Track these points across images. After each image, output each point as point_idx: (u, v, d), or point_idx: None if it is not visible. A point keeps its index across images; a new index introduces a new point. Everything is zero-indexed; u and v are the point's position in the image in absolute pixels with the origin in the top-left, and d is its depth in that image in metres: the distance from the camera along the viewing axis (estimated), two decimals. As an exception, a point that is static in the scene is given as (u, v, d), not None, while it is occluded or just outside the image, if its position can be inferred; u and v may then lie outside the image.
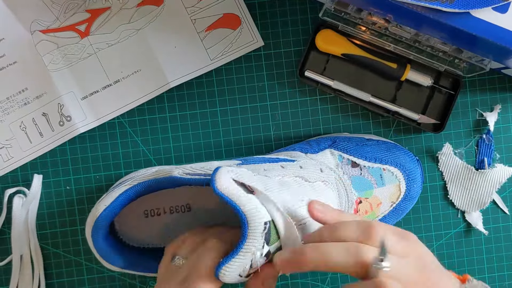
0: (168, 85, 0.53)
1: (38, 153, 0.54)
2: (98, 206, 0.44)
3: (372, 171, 0.50)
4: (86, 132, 0.54)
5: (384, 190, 0.50)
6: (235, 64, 0.54)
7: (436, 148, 0.55)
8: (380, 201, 0.49)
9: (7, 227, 0.53)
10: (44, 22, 0.52)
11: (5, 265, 0.53)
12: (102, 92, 0.53)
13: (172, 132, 0.54)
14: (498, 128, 0.54)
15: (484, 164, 0.54)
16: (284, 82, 0.54)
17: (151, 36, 0.53)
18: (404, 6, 0.42)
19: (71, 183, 0.54)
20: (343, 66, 0.54)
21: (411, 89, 0.54)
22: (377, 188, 0.50)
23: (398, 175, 0.50)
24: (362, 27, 0.50)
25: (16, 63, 0.53)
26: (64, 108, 0.53)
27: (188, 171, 0.43)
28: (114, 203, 0.43)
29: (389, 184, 0.50)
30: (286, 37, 0.54)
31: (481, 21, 0.42)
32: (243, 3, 0.53)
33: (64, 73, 0.53)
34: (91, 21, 0.53)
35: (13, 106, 0.53)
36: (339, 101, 0.55)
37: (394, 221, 0.51)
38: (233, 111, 0.54)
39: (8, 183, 0.54)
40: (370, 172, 0.50)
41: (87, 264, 0.54)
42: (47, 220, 0.54)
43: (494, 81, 0.54)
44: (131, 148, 0.54)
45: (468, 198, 0.54)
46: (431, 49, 0.50)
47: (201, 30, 0.53)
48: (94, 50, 0.53)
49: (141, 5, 0.53)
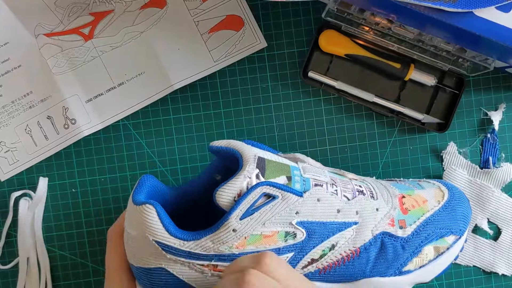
0: (172, 87, 0.53)
1: (43, 156, 0.54)
2: None
3: (408, 182, 0.50)
4: (90, 135, 0.54)
5: (425, 192, 0.48)
6: (238, 65, 0.54)
7: (440, 148, 0.55)
8: (425, 199, 0.47)
9: (14, 230, 0.54)
10: (48, 25, 0.52)
11: (11, 267, 0.54)
12: (106, 94, 0.53)
13: (176, 134, 0.54)
14: (502, 127, 0.54)
15: (489, 163, 0.54)
16: (287, 83, 0.54)
17: (154, 38, 0.53)
18: (407, 7, 0.42)
19: (76, 185, 0.54)
20: (347, 67, 0.54)
21: (415, 89, 0.54)
22: (418, 190, 0.48)
23: (435, 183, 0.50)
24: (365, 27, 0.50)
25: (20, 67, 0.53)
26: (69, 111, 0.53)
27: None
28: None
29: (429, 188, 0.49)
30: (289, 38, 0.54)
31: (485, 20, 0.42)
32: (246, 5, 0.53)
33: (69, 76, 0.53)
34: (94, 24, 0.53)
35: (18, 110, 0.53)
36: (343, 101, 0.55)
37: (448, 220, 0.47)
38: (237, 112, 0.54)
39: (14, 186, 0.54)
40: (406, 182, 0.50)
41: (93, 266, 0.54)
42: (53, 223, 0.54)
43: (498, 80, 0.54)
44: (136, 150, 0.54)
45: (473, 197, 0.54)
46: (435, 49, 0.49)
47: (204, 32, 0.53)
48: (98, 53, 0.53)
49: (144, 7, 0.53)
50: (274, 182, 0.40)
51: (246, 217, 0.39)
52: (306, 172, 0.43)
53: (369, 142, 0.55)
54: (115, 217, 0.54)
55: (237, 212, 0.39)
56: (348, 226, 0.43)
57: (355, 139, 0.54)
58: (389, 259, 0.44)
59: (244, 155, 0.41)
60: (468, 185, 0.54)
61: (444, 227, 0.46)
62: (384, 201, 0.45)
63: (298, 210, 0.41)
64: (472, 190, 0.54)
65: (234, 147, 0.42)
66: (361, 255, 0.43)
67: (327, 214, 0.42)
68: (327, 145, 0.54)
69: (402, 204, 0.46)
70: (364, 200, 0.44)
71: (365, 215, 0.44)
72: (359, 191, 0.45)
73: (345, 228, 0.43)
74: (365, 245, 0.43)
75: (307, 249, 0.42)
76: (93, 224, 0.54)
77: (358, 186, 0.46)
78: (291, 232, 0.41)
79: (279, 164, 0.42)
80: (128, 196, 0.54)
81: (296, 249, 0.41)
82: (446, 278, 0.54)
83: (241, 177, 0.39)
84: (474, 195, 0.54)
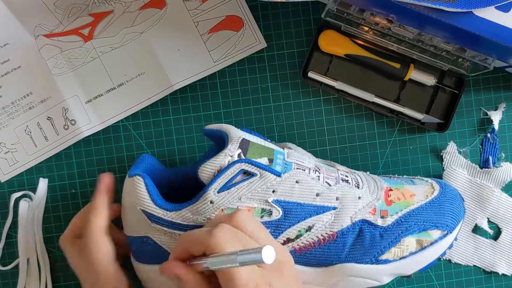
0: (172, 88, 0.53)
1: (43, 157, 0.54)
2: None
3: (402, 178, 0.50)
4: (90, 136, 0.54)
5: (415, 187, 0.48)
6: (238, 66, 0.54)
7: (440, 148, 0.55)
8: (413, 193, 0.47)
9: (14, 231, 0.54)
10: (48, 26, 0.52)
11: (12, 268, 0.54)
12: (106, 95, 0.53)
13: (176, 134, 0.54)
14: (502, 126, 0.54)
15: (489, 163, 0.54)
16: (287, 83, 0.54)
17: (154, 39, 0.53)
18: (407, 7, 0.42)
19: (76, 186, 0.54)
20: (347, 67, 0.54)
21: (414, 88, 0.54)
22: (408, 185, 0.48)
23: (430, 180, 0.50)
24: (365, 28, 0.50)
25: (20, 68, 0.53)
26: (69, 112, 0.53)
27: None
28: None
29: (420, 184, 0.49)
30: (289, 38, 0.54)
31: (484, 20, 0.42)
32: (246, 5, 0.53)
33: (68, 77, 0.53)
34: (94, 25, 0.53)
35: (18, 111, 0.53)
36: (342, 101, 0.55)
37: (434, 215, 0.46)
38: (237, 113, 0.54)
39: (14, 187, 0.54)
40: (400, 178, 0.50)
41: (93, 267, 0.54)
42: (53, 224, 0.54)
43: (498, 79, 0.54)
44: (136, 151, 0.54)
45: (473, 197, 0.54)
46: (434, 49, 0.49)
47: (204, 32, 0.53)
48: (98, 54, 0.53)
49: (143, 8, 0.53)
50: (253, 160, 0.42)
51: (223, 191, 0.42)
52: (290, 157, 0.45)
53: (369, 142, 0.55)
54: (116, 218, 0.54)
55: (215, 185, 0.42)
56: (327, 210, 0.44)
57: (355, 139, 0.55)
58: (366, 246, 0.44)
59: (230, 135, 0.44)
60: (468, 184, 0.54)
61: (428, 221, 0.46)
62: (369, 192, 0.46)
63: (275, 189, 0.43)
64: (472, 189, 0.54)
65: (223, 129, 0.45)
66: (337, 240, 0.44)
67: (305, 196, 0.44)
68: (327, 145, 0.54)
69: (387, 196, 0.47)
70: (347, 188, 0.45)
71: (346, 202, 0.45)
72: (343, 180, 0.46)
73: (323, 211, 0.44)
74: (342, 230, 0.44)
75: (283, 228, 0.43)
76: (93, 225, 0.54)
77: (344, 176, 0.46)
78: (267, 210, 0.43)
79: (263, 147, 0.44)
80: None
81: (272, 226, 0.43)
82: (446, 278, 0.54)
83: (223, 155, 0.42)
84: (474, 194, 0.54)
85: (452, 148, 0.54)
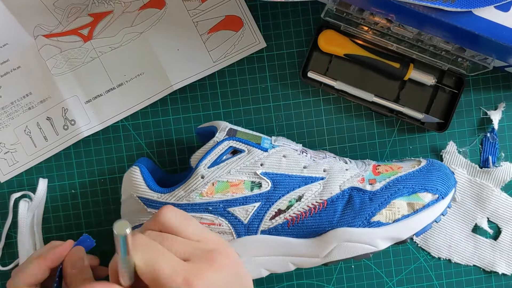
0: (171, 88, 0.53)
1: (43, 157, 0.54)
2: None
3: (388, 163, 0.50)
4: (90, 136, 0.54)
5: (402, 163, 0.49)
6: (237, 65, 0.54)
7: (440, 147, 0.55)
8: (401, 166, 0.48)
9: (13, 231, 0.54)
10: (47, 26, 0.52)
11: (11, 269, 0.54)
12: (105, 95, 0.53)
13: (176, 134, 0.54)
14: (502, 126, 0.54)
15: (488, 163, 0.54)
16: (287, 83, 0.54)
17: (153, 39, 0.53)
18: (406, 6, 0.42)
19: (76, 186, 0.54)
20: (346, 67, 0.54)
21: (414, 88, 0.54)
22: (396, 162, 0.50)
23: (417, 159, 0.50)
24: (364, 27, 0.50)
25: (20, 68, 0.53)
26: (68, 112, 0.53)
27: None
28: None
29: (407, 161, 0.50)
30: (289, 38, 0.54)
31: (484, 19, 0.42)
32: (245, 5, 0.53)
33: (68, 77, 0.53)
34: (93, 25, 0.53)
35: (18, 111, 0.53)
36: (342, 101, 0.55)
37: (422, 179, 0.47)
38: (236, 112, 0.54)
39: (14, 188, 0.54)
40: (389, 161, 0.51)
41: (93, 267, 0.54)
42: (53, 224, 0.54)
43: (497, 79, 0.54)
44: (136, 151, 0.54)
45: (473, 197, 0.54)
46: (434, 48, 0.49)
47: (203, 32, 0.53)
48: (97, 54, 0.53)
49: (143, 8, 0.53)
50: (241, 138, 0.46)
51: (213, 166, 0.45)
52: (277, 141, 0.48)
53: (368, 142, 0.55)
54: (114, 218, 0.54)
55: (206, 161, 0.45)
56: (315, 180, 0.46)
57: (354, 139, 0.54)
58: (356, 209, 0.45)
59: (218, 127, 0.47)
60: (468, 184, 0.54)
61: (417, 184, 0.46)
62: (356, 166, 0.48)
63: (263, 162, 0.46)
64: (471, 189, 0.54)
65: (213, 124, 0.48)
66: (328, 207, 0.46)
67: (292, 168, 0.46)
68: (327, 145, 0.54)
69: (375, 169, 0.48)
70: (334, 161, 0.47)
71: (333, 172, 0.47)
72: (330, 157, 0.48)
73: (311, 182, 0.46)
74: (332, 197, 0.46)
75: (273, 199, 0.46)
76: (93, 225, 0.54)
77: (333, 156, 0.49)
78: (257, 182, 0.46)
79: (250, 134, 0.48)
80: (128, 197, 0.54)
81: (263, 198, 0.45)
82: (446, 277, 0.54)
83: (211, 142, 0.46)
84: (473, 194, 0.54)
85: (451, 147, 0.54)
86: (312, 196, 0.46)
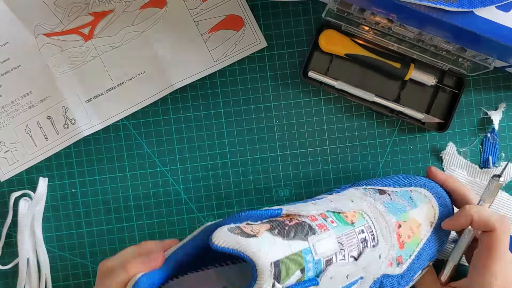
0: (172, 87, 0.53)
1: (43, 156, 0.54)
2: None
3: (401, 195, 0.49)
4: (90, 135, 0.54)
5: (419, 211, 0.49)
6: (238, 65, 0.54)
7: (440, 147, 0.55)
8: (419, 222, 0.48)
9: (13, 230, 0.54)
10: (48, 25, 0.52)
11: (11, 268, 0.53)
12: (106, 94, 0.53)
13: (176, 134, 0.54)
14: (502, 126, 0.54)
15: (489, 163, 0.54)
16: (287, 83, 0.54)
17: (154, 38, 0.53)
18: (407, 6, 0.42)
19: (76, 185, 0.54)
20: (347, 66, 0.54)
21: (415, 88, 0.54)
22: (411, 210, 0.48)
23: (427, 194, 0.49)
24: (365, 27, 0.50)
25: (20, 67, 0.53)
26: (69, 111, 0.53)
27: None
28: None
29: (421, 204, 0.49)
30: (289, 38, 0.54)
31: (485, 20, 0.42)
32: (246, 4, 0.53)
33: (68, 76, 0.53)
34: (94, 24, 0.53)
35: (18, 110, 0.53)
36: (343, 101, 0.55)
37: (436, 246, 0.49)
38: (237, 112, 0.54)
39: (14, 186, 0.54)
40: (399, 196, 0.49)
41: (93, 266, 0.54)
42: (53, 223, 0.54)
43: (498, 79, 0.54)
44: (136, 150, 0.54)
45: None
46: (435, 48, 0.49)
47: (204, 31, 0.53)
48: (98, 53, 0.53)
49: (144, 7, 0.53)
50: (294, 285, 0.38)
51: None
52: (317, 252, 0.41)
53: (369, 141, 0.55)
54: (114, 217, 0.54)
55: None
56: (354, 283, 0.43)
57: (355, 139, 0.55)
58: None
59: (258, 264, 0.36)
60: (468, 185, 0.54)
61: (431, 254, 0.48)
62: (384, 241, 0.46)
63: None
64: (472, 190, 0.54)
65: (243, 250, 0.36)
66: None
67: (338, 284, 0.42)
68: (327, 145, 0.54)
69: (399, 237, 0.47)
70: (369, 252, 0.44)
71: (370, 267, 0.45)
72: (363, 241, 0.45)
73: (351, 285, 0.43)
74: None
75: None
76: (93, 224, 0.54)
77: (361, 232, 0.45)
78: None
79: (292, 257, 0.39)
80: (128, 196, 0.54)
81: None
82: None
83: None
84: (474, 194, 0.54)
85: (451, 148, 0.54)
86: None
